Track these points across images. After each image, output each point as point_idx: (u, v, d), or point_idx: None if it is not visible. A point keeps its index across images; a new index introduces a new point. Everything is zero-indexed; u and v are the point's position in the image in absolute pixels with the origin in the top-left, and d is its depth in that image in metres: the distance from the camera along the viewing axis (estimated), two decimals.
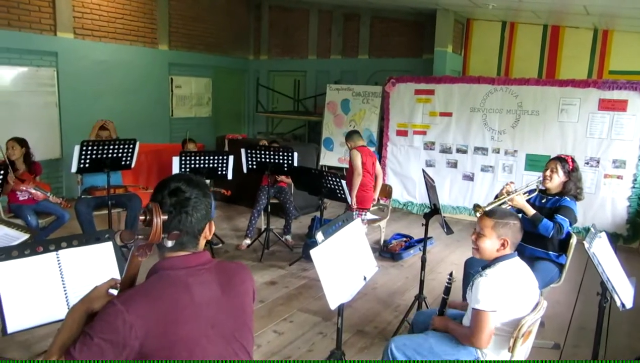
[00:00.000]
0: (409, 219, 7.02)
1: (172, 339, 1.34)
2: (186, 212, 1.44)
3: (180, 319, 1.36)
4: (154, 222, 1.35)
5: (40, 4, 6.74)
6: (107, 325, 1.28)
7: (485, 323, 2.23)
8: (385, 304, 4.15)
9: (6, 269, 2.03)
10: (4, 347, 3.19)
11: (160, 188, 1.46)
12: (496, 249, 2.41)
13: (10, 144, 4.73)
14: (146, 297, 1.34)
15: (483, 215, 2.49)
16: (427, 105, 7.22)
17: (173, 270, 1.42)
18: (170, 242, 1.40)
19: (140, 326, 1.28)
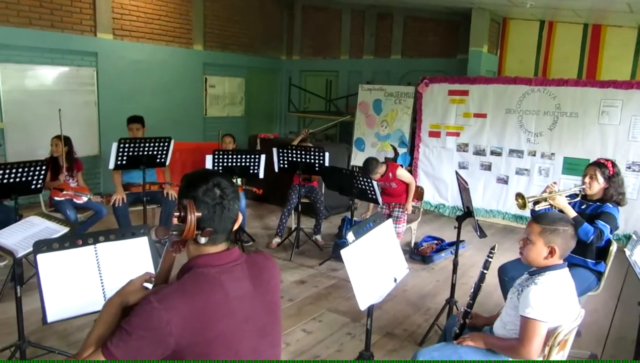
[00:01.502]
0: (440, 222, 6.93)
1: (207, 336, 1.35)
2: (223, 208, 1.45)
3: (215, 316, 1.37)
4: (188, 218, 1.37)
5: (82, 5, 6.96)
6: (144, 321, 1.29)
7: (537, 332, 2.12)
8: (415, 307, 4.11)
9: (47, 260, 2.10)
10: (43, 336, 3.31)
11: (197, 182, 1.44)
12: (543, 257, 2.27)
13: (54, 141, 4.90)
14: (182, 295, 1.34)
15: (531, 220, 2.36)
16: (461, 106, 7.11)
17: (207, 267, 1.42)
18: (204, 238, 1.41)
19: (176, 323, 1.29)
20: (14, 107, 6.43)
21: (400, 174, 5.14)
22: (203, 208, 1.42)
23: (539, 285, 2.19)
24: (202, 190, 1.42)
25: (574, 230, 2.31)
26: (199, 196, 1.42)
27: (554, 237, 2.25)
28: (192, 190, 1.43)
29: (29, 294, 3.23)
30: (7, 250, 2.73)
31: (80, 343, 3.21)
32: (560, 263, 2.29)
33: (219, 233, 1.46)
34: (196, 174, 1.48)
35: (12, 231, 2.92)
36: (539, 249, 2.27)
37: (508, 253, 5.30)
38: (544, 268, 2.28)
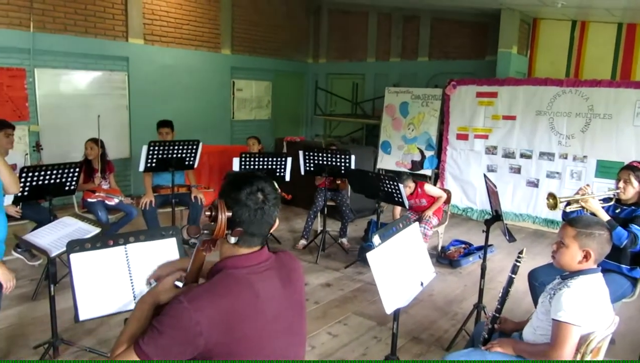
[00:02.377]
0: (468, 225, 6.82)
1: (236, 336, 1.36)
2: (264, 213, 1.46)
3: (244, 316, 1.38)
4: (219, 218, 1.39)
5: (114, 12, 7.15)
6: (174, 321, 1.31)
7: (569, 336, 2.05)
8: (442, 312, 4.05)
9: (80, 260, 2.16)
10: (74, 334, 3.39)
11: (242, 185, 1.45)
12: (577, 261, 2.20)
13: (89, 145, 5.04)
14: (212, 295, 1.36)
15: (565, 223, 2.30)
16: (490, 108, 7.00)
17: (237, 269, 1.44)
18: (234, 238, 1.42)
19: (205, 324, 1.31)
20: (49, 111, 6.64)
21: (428, 189, 5.18)
22: (244, 211, 1.43)
23: (572, 288, 2.13)
24: (246, 193, 1.43)
25: (609, 235, 2.24)
26: (241, 198, 1.43)
27: (589, 241, 2.18)
28: (236, 191, 1.44)
29: (62, 293, 3.32)
30: (42, 250, 2.81)
31: (111, 342, 3.29)
32: (594, 268, 2.23)
33: (256, 236, 1.48)
34: (242, 176, 1.48)
35: (46, 231, 3.01)
36: (573, 253, 2.21)
37: (538, 258, 5.19)
38: (577, 272, 2.22)
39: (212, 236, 1.42)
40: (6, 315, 3.70)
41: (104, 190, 4.98)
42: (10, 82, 6.22)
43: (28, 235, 3.06)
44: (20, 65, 6.31)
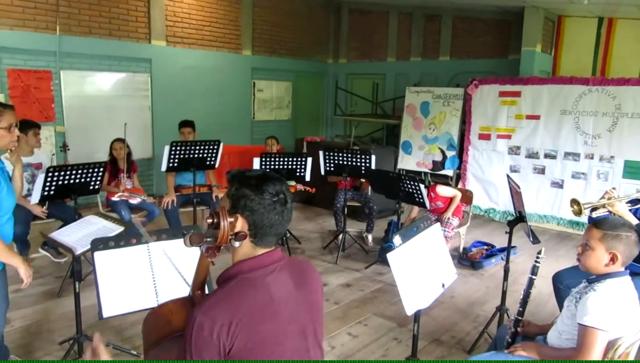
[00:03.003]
0: (490, 227, 6.73)
1: (254, 339, 1.36)
2: (285, 213, 1.46)
3: (260, 319, 1.38)
4: (221, 224, 1.37)
5: (137, 14, 7.26)
6: (199, 341, 1.32)
7: (595, 341, 2.01)
8: (464, 314, 4.00)
9: (104, 258, 2.19)
10: (99, 331, 3.43)
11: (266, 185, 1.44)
12: (604, 264, 2.14)
13: (118, 145, 5.13)
14: (226, 304, 1.36)
15: (591, 225, 2.24)
16: (513, 108, 6.89)
17: (251, 272, 1.43)
18: (238, 242, 1.41)
19: (225, 331, 1.32)
20: (75, 112, 6.78)
21: (440, 190, 5.09)
22: (273, 215, 1.43)
23: (599, 292, 2.08)
24: (270, 195, 1.43)
25: (637, 237, 2.18)
26: (268, 202, 1.43)
27: (616, 243, 2.13)
28: (259, 194, 1.42)
29: (87, 290, 3.38)
30: (67, 248, 2.86)
31: (134, 339, 3.33)
32: (622, 271, 2.17)
33: (274, 237, 1.48)
34: (260, 178, 1.46)
35: (71, 229, 3.07)
36: (599, 256, 2.16)
37: (563, 260, 5.09)
38: (603, 275, 2.16)
39: (216, 243, 1.41)
40: (33, 311, 3.79)
41: (128, 190, 5.05)
42: (37, 83, 6.37)
43: (54, 233, 3.12)
44: (47, 68, 6.45)
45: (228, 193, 1.47)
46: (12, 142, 2.45)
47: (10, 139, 2.42)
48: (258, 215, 1.41)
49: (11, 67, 6.14)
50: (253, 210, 1.41)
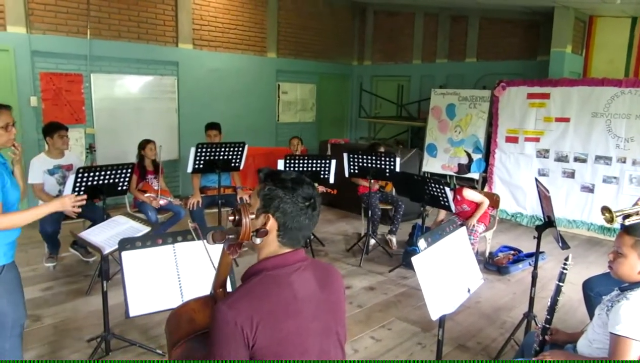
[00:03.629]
0: (517, 231, 6.60)
1: (278, 337, 1.37)
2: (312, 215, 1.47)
3: (284, 317, 1.39)
4: (243, 221, 1.40)
5: (165, 18, 7.38)
6: (223, 334, 1.33)
7: (628, 351, 1.94)
8: (490, 320, 3.93)
9: (131, 257, 2.23)
10: (125, 329, 3.51)
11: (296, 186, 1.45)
12: (637, 271, 2.08)
13: (152, 146, 5.22)
14: (251, 298, 1.37)
15: (622, 231, 2.17)
16: (541, 110, 6.75)
17: (276, 269, 1.44)
18: (259, 239, 1.43)
19: (249, 325, 1.32)
20: (104, 114, 6.93)
21: (467, 194, 4.98)
22: (303, 218, 1.45)
23: (632, 300, 2.01)
24: (302, 198, 1.45)
25: None
26: (300, 204, 1.44)
27: None
28: (293, 198, 1.44)
29: (114, 289, 3.43)
30: (96, 247, 2.92)
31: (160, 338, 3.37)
32: None
33: (301, 238, 1.49)
34: (295, 180, 1.47)
35: (100, 229, 3.14)
36: (632, 263, 2.09)
37: (593, 267, 4.96)
38: (637, 283, 2.09)
39: (238, 240, 1.43)
40: (63, 308, 3.88)
41: (156, 191, 5.13)
42: (68, 86, 6.54)
43: (83, 232, 3.19)
44: (78, 71, 6.62)
45: (258, 192, 1.47)
46: (10, 140, 2.55)
47: (7, 138, 2.52)
48: (289, 217, 1.43)
49: (44, 70, 6.31)
50: (285, 212, 1.43)
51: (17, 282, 2.56)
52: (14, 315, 2.49)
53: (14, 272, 2.55)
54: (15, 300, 2.52)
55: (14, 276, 2.54)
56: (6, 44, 5.94)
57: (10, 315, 2.46)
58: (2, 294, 2.44)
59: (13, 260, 2.55)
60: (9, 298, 2.46)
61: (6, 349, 2.52)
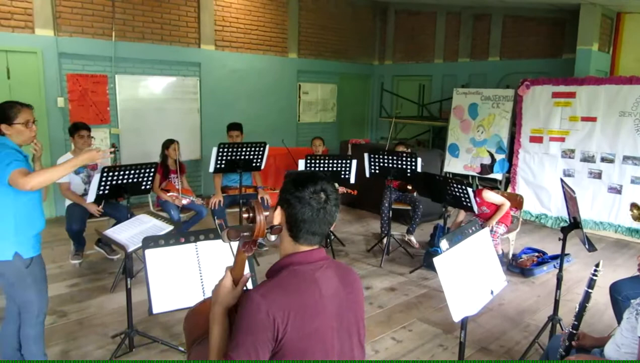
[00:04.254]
0: (541, 233, 6.48)
1: (306, 331, 1.38)
2: (326, 212, 1.48)
3: (312, 312, 1.40)
4: (257, 219, 1.40)
5: (188, 20, 7.47)
6: (251, 318, 1.33)
7: None
8: (513, 322, 3.86)
9: (154, 255, 2.26)
10: (148, 326, 3.56)
11: (305, 184, 1.47)
12: None
13: (175, 146, 5.29)
14: (282, 290, 1.39)
15: None
16: (567, 109, 6.62)
17: (302, 265, 1.46)
18: (274, 236, 1.45)
19: (280, 317, 1.34)
20: (128, 115, 7.04)
21: (487, 196, 4.93)
22: (307, 210, 1.45)
23: None
24: (309, 192, 1.46)
25: None
26: (305, 197, 1.45)
27: None
28: (299, 190, 1.46)
29: (138, 286, 3.49)
30: (120, 245, 2.97)
31: (182, 336, 3.40)
32: None
33: (317, 235, 1.49)
34: (304, 175, 1.51)
35: (124, 227, 3.19)
36: None
37: (621, 270, 4.84)
38: None
39: (253, 237, 1.44)
40: (88, 305, 3.95)
41: (178, 190, 5.19)
42: (94, 87, 6.67)
43: (108, 230, 3.25)
44: (103, 72, 6.74)
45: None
46: (31, 137, 2.67)
47: (28, 135, 2.65)
48: (292, 209, 1.45)
49: (70, 72, 6.45)
50: (289, 203, 1.46)
51: (43, 273, 2.74)
52: (39, 304, 2.66)
53: (41, 263, 2.72)
54: (41, 290, 2.70)
55: (41, 267, 2.72)
56: (34, 46, 6.09)
57: (36, 304, 2.64)
58: (30, 284, 2.62)
59: (40, 253, 2.70)
60: (36, 288, 2.66)
61: (31, 336, 2.68)
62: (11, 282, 2.59)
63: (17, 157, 2.47)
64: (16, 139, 2.59)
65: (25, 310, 2.67)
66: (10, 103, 2.62)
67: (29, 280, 2.60)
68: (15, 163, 2.42)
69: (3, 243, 2.52)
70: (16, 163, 2.43)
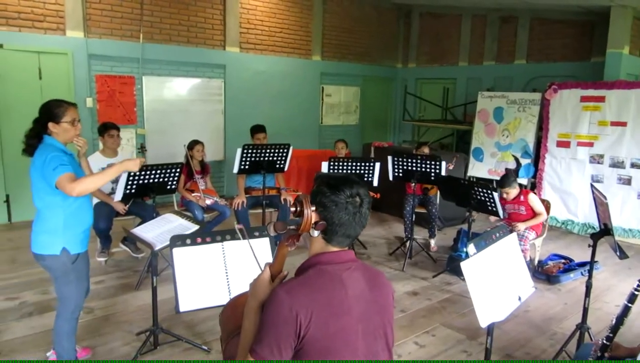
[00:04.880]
0: (567, 239, 6.35)
1: (330, 330, 1.38)
2: (361, 216, 1.50)
3: (337, 311, 1.41)
4: (305, 212, 1.43)
5: (214, 22, 7.55)
6: (275, 315, 1.35)
7: None
8: (540, 330, 3.79)
9: (181, 254, 2.29)
10: (172, 324, 3.60)
11: (341, 187, 1.48)
12: None
13: (200, 147, 5.35)
14: (308, 288, 1.40)
15: None
16: (596, 114, 6.47)
17: (329, 264, 1.47)
18: (317, 232, 1.47)
19: (304, 314, 1.35)
20: (154, 115, 7.15)
21: (532, 199, 4.80)
22: (344, 214, 1.47)
23: None
24: (345, 196, 1.47)
25: None
26: (341, 201, 1.46)
27: None
28: (335, 193, 1.47)
29: (162, 285, 3.54)
30: (147, 243, 3.01)
31: (205, 335, 3.43)
32: None
33: (349, 237, 1.51)
34: (340, 179, 1.51)
35: (151, 226, 3.23)
36: None
37: None
38: None
39: (299, 231, 1.46)
40: (113, 301, 4.02)
41: (202, 190, 5.24)
42: (121, 88, 6.80)
43: (135, 229, 3.30)
44: (130, 73, 6.87)
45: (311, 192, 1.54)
46: (75, 135, 2.74)
47: (74, 132, 2.71)
48: (329, 212, 1.46)
49: (99, 73, 6.59)
50: (325, 206, 1.47)
51: (86, 271, 2.83)
52: (77, 301, 2.74)
53: (86, 260, 2.81)
54: (81, 287, 2.79)
55: (85, 264, 2.80)
56: (65, 47, 6.23)
57: (74, 300, 2.72)
58: (72, 280, 2.71)
59: (86, 249, 2.78)
60: (77, 284, 2.75)
61: (64, 331, 2.75)
62: (56, 276, 2.69)
63: (63, 161, 2.52)
64: (62, 137, 2.65)
65: (62, 303, 2.75)
66: (57, 101, 2.66)
67: (72, 276, 2.69)
68: (61, 168, 2.48)
69: (52, 238, 2.61)
70: (62, 168, 2.48)
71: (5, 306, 3.87)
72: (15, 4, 5.85)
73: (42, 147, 2.58)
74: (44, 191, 2.56)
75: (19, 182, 6.03)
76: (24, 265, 4.71)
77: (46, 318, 3.60)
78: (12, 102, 5.93)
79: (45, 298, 4.02)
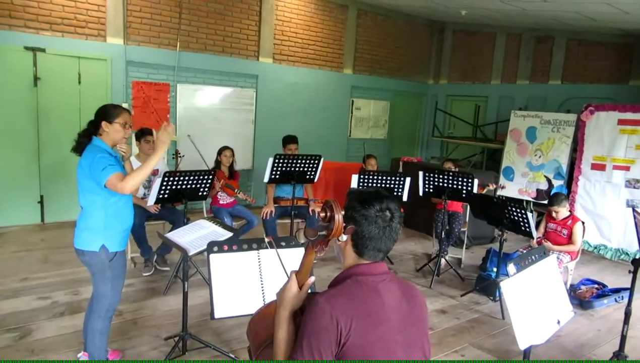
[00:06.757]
0: (600, 264, 6.17)
1: (369, 339, 1.38)
2: (392, 230, 1.50)
3: (375, 320, 1.41)
4: (335, 217, 1.43)
5: (249, 33, 7.67)
6: (316, 323, 1.35)
7: None
8: (573, 355, 3.67)
9: (218, 260, 2.30)
10: (200, 331, 3.61)
11: (371, 202, 1.49)
12: None
13: (228, 152, 5.40)
14: (347, 296, 1.41)
15: None
16: (634, 138, 6.31)
17: (365, 276, 1.48)
18: (345, 236, 1.47)
19: (344, 321, 1.35)
20: (186, 122, 7.26)
21: (577, 228, 4.80)
22: (374, 228, 1.48)
23: None
24: (375, 210, 1.48)
25: None
26: (371, 215, 1.48)
27: None
28: (365, 208, 1.48)
29: (190, 290, 3.55)
30: (181, 248, 3.04)
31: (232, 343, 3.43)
32: None
33: (381, 251, 1.52)
34: (371, 194, 1.53)
35: (184, 232, 3.26)
36: None
37: None
38: None
39: (330, 236, 1.45)
40: (142, 305, 4.06)
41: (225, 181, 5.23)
42: (156, 95, 6.93)
43: (169, 234, 3.34)
44: (166, 81, 7.01)
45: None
46: (124, 138, 2.83)
47: (123, 135, 2.80)
48: (359, 226, 1.48)
49: (136, 79, 6.74)
50: (356, 220, 1.48)
51: (123, 270, 2.88)
52: (112, 300, 2.79)
53: (124, 259, 2.87)
54: (117, 286, 2.84)
55: (122, 263, 2.86)
56: (105, 53, 6.41)
57: (109, 299, 2.77)
58: (109, 278, 2.76)
59: (124, 249, 2.85)
60: (113, 283, 2.80)
61: (97, 329, 2.80)
62: (93, 272, 2.76)
63: (110, 161, 2.62)
64: (110, 138, 2.75)
65: (97, 301, 2.81)
66: (114, 105, 2.85)
67: (109, 274, 2.75)
68: (110, 168, 2.58)
69: (92, 235, 2.69)
70: (111, 168, 2.58)
71: (37, 305, 3.95)
72: (60, 10, 6.05)
73: (89, 148, 2.69)
74: (88, 190, 2.66)
75: (53, 183, 6.19)
76: (56, 265, 4.81)
77: (77, 319, 3.65)
78: (51, 106, 6.10)
79: (76, 299, 4.09)
